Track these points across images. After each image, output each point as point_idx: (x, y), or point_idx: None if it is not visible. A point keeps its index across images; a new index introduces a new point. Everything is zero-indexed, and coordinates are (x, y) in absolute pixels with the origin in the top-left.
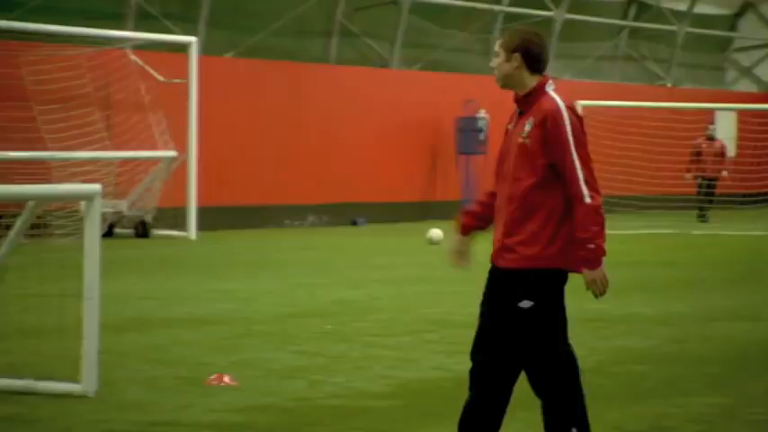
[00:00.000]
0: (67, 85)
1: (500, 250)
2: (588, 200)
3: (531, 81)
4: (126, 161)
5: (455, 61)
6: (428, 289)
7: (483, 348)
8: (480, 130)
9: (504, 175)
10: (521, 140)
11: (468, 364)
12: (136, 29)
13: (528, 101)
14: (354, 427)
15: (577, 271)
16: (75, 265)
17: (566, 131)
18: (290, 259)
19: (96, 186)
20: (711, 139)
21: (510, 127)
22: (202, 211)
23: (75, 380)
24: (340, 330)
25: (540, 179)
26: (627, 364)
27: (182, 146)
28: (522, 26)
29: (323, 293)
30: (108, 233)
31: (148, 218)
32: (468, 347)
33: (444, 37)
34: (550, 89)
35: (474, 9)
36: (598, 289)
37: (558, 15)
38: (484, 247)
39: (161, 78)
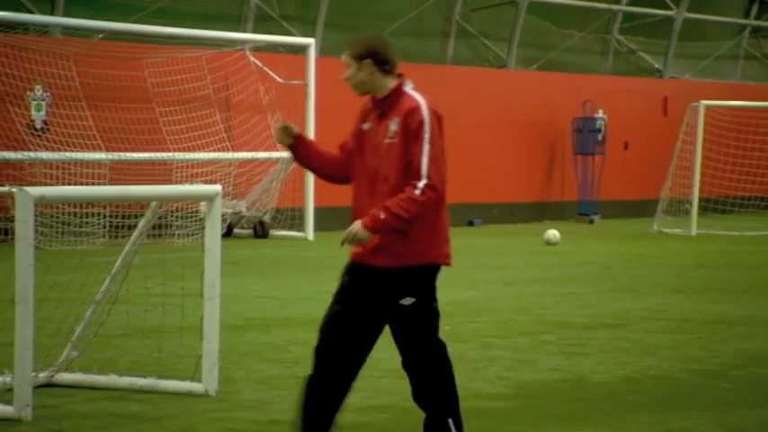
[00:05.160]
0: (188, 87)
1: (373, 249)
2: (417, 192)
3: (388, 83)
4: (245, 162)
5: (573, 61)
6: (544, 290)
7: (339, 331)
8: (599, 131)
9: (368, 177)
10: (388, 141)
11: (584, 364)
12: (255, 31)
13: (388, 102)
14: (472, 428)
15: (445, 263)
16: (196, 264)
17: (423, 127)
18: None
19: (217, 187)
20: None
21: (365, 127)
22: (320, 212)
23: (196, 379)
24: (457, 331)
25: (407, 177)
26: (748, 367)
27: None
28: (363, 33)
29: (439, 294)
30: (227, 233)
31: (267, 218)
32: (586, 349)
33: (562, 37)
34: (409, 88)
35: (593, 8)
36: (348, 237)
37: (678, 14)
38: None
39: (280, 80)
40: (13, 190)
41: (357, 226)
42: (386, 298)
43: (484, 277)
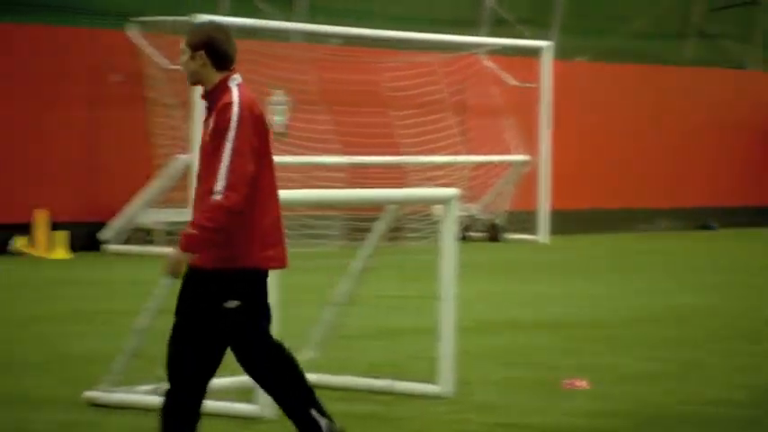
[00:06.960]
0: (423, 91)
1: None
2: (218, 197)
3: (218, 77)
4: (478, 165)
5: None
6: None
7: (177, 342)
8: None
9: (197, 176)
10: (206, 139)
11: None
12: (490, 34)
13: (212, 97)
14: None
15: (267, 267)
16: (430, 267)
17: (229, 126)
18: (641, 263)
19: (454, 191)
20: None
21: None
22: (555, 215)
23: (431, 380)
24: (693, 336)
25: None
26: None
27: (531, 150)
28: (207, 22)
29: (674, 298)
30: (461, 236)
31: (500, 221)
32: None
33: None
34: (233, 84)
35: None
36: (168, 267)
37: None
38: None
39: (514, 82)
40: None
41: (172, 252)
42: (209, 301)
43: (720, 281)
